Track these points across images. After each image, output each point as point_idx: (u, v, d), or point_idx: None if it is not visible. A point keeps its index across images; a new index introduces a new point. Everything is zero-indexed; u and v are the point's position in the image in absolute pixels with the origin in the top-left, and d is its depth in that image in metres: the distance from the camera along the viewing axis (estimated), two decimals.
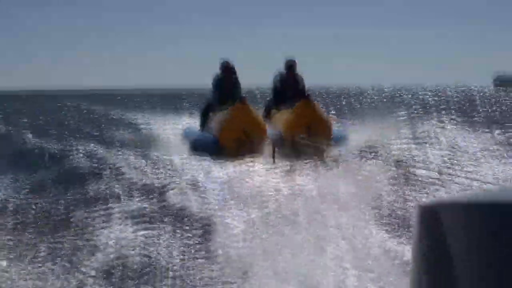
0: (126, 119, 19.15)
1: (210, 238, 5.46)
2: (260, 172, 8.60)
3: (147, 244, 5.35)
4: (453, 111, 17.75)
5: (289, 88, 11.94)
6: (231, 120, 10.49)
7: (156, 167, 9.15)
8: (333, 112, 16.74)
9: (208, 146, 10.50)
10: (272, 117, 11.77)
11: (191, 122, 14.29)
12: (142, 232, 5.64)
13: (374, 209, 6.16)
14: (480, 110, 21.05)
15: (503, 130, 12.86)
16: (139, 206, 6.66)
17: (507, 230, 1.16)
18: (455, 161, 9.22)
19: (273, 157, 9.43)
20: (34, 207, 6.95)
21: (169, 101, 32.34)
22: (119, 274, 4.73)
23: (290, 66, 12.02)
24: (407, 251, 4.61)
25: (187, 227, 5.86)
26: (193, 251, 5.20)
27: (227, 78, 11.82)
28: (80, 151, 10.64)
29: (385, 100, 31.04)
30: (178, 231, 5.71)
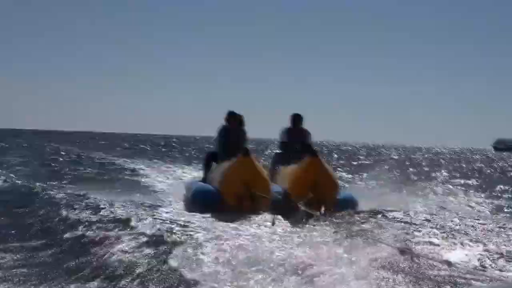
0: (126, 166, 18.54)
1: None
2: (256, 235, 7.90)
3: None
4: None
5: (296, 143, 11.57)
6: (233, 173, 10.00)
7: (152, 217, 8.68)
8: (340, 169, 16.46)
9: (209, 199, 10.02)
10: (278, 172, 11.33)
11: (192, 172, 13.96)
12: None
13: None
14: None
15: None
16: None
17: None
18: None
19: (273, 219, 8.84)
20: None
21: (172, 148, 32.25)
22: None
23: (297, 120, 11.65)
24: None
25: None
26: None
27: (232, 128, 11.42)
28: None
29: (395, 158, 30.74)
30: None
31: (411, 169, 25.69)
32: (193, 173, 14.84)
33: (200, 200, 10.03)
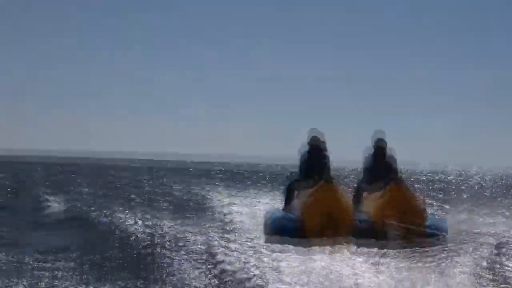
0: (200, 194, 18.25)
1: None
2: (341, 263, 7.78)
3: None
4: None
5: (381, 169, 11.14)
6: (315, 201, 9.74)
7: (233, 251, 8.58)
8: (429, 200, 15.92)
9: (290, 228, 9.80)
10: (362, 200, 10.98)
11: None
12: None
13: None
14: None
15: None
16: None
17: None
18: None
19: (358, 245, 8.56)
20: None
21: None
22: None
23: (381, 146, 11.25)
24: None
25: None
26: None
27: (314, 152, 11.12)
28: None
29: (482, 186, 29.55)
30: None
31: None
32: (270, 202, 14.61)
33: (281, 228, 9.82)
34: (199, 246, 8.93)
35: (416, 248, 8.74)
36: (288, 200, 11.24)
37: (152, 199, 16.66)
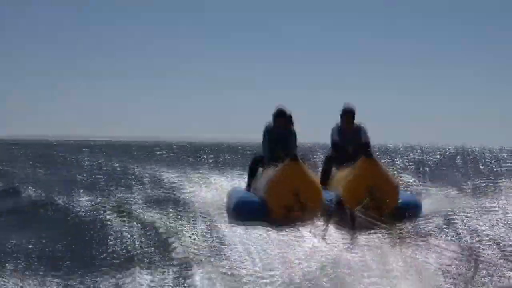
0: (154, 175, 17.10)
1: None
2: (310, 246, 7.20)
3: None
4: None
5: (349, 143, 10.42)
6: (280, 180, 9.01)
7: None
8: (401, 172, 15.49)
9: (254, 210, 9.08)
10: (330, 178, 10.27)
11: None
12: None
13: None
14: None
15: None
16: None
17: None
18: None
19: (324, 231, 7.89)
20: None
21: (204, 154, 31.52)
22: None
23: (349, 118, 10.50)
24: None
25: None
26: None
27: (280, 128, 10.34)
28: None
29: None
30: None
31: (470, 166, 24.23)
32: (236, 181, 13.83)
33: (243, 211, 9.09)
34: (155, 231, 8.19)
35: (387, 229, 8.09)
36: (251, 179, 10.50)
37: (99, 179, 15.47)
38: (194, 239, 7.49)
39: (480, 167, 24.39)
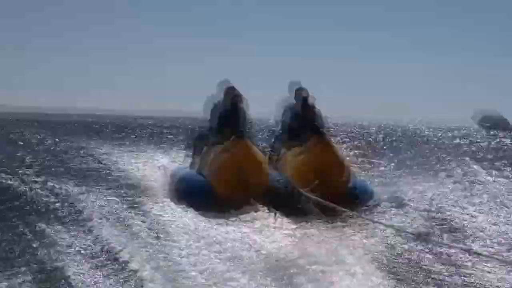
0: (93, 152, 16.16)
1: None
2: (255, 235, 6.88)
3: None
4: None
5: (302, 122, 9.86)
6: (225, 159, 8.48)
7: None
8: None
9: (197, 190, 8.56)
10: (279, 158, 9.75)
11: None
12: None
13: None
14: None
15: None
16: None
17: None
18: None
19: (275, 212, 7.46)
20: None
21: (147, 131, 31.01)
22: None
23: (302, 96, 9.95)
24: None
25: None
26: None
27: (231, 106, 9.68)
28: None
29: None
30: None
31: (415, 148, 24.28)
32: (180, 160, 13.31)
33: (186, 192, 8.55)
34: (99, 212, 7.76)
35: (334, 215, 7.88)
36: (195, 157, 9.92)
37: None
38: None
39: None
